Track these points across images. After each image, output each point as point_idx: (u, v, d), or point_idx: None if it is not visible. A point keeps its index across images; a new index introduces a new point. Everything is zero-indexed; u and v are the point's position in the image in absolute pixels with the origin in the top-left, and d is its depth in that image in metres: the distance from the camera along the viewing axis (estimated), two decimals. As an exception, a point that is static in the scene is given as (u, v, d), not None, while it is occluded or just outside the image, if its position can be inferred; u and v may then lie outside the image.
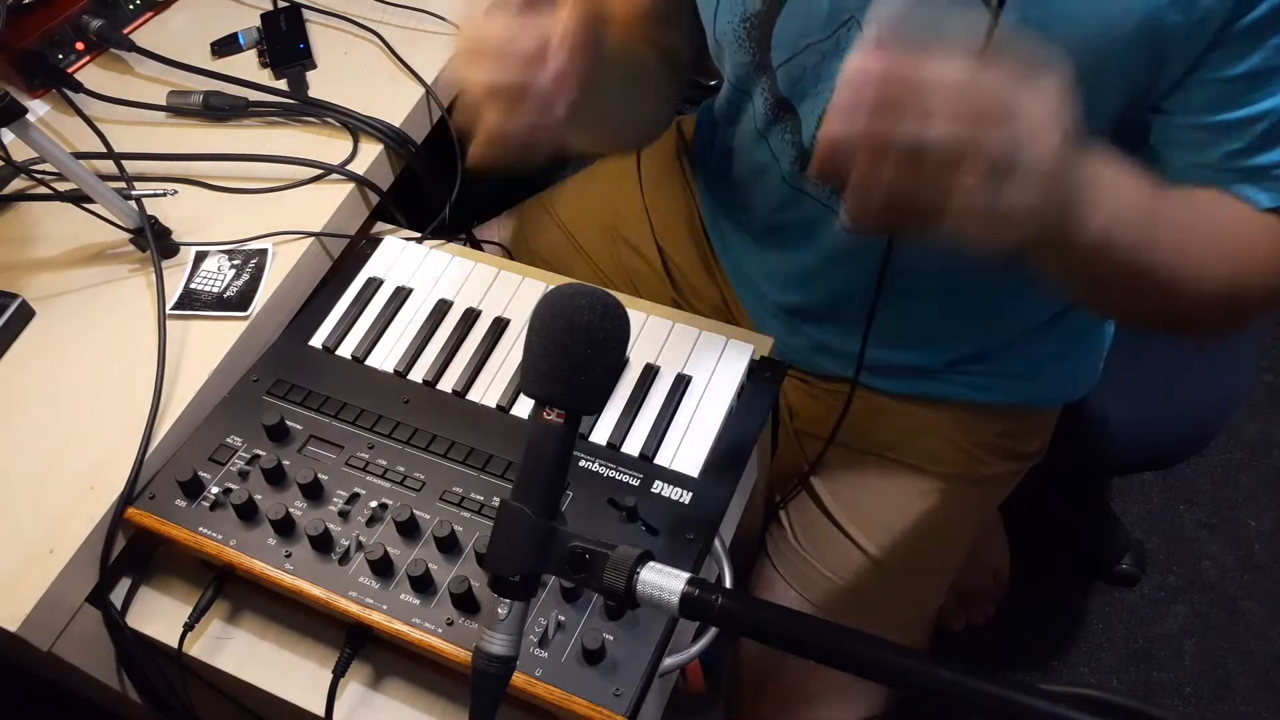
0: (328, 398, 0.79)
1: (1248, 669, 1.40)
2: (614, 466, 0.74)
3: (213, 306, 0.83)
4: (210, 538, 0.71)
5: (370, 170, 0.92)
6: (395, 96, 0.96)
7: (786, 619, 0.50)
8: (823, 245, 0.85)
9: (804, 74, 0.76)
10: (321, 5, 1.06)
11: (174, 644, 0.73)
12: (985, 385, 0.93)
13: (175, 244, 0.87)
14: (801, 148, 0.81)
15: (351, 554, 0.70)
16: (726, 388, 0.78)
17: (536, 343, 0.54)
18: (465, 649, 0.65)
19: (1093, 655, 1.43)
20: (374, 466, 0.75)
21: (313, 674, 0.72)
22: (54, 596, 0.69)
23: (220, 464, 0.75)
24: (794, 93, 0.78)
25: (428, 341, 0.83)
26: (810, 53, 0.74)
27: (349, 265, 0.90)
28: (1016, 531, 1.40)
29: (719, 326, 0.82)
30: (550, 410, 0.54)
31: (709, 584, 0.50)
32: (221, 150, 0.93)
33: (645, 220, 1.07)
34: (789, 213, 0.86)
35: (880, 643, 0.47)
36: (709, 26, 0.79)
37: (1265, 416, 1.63)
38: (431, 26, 1.02)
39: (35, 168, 0.89)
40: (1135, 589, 1.48)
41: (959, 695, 0.43)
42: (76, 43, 1.02)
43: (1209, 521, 1.54)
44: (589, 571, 0.52)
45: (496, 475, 0.74)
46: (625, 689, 0.63)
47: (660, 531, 0.70)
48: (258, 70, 1.01)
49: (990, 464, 0.96)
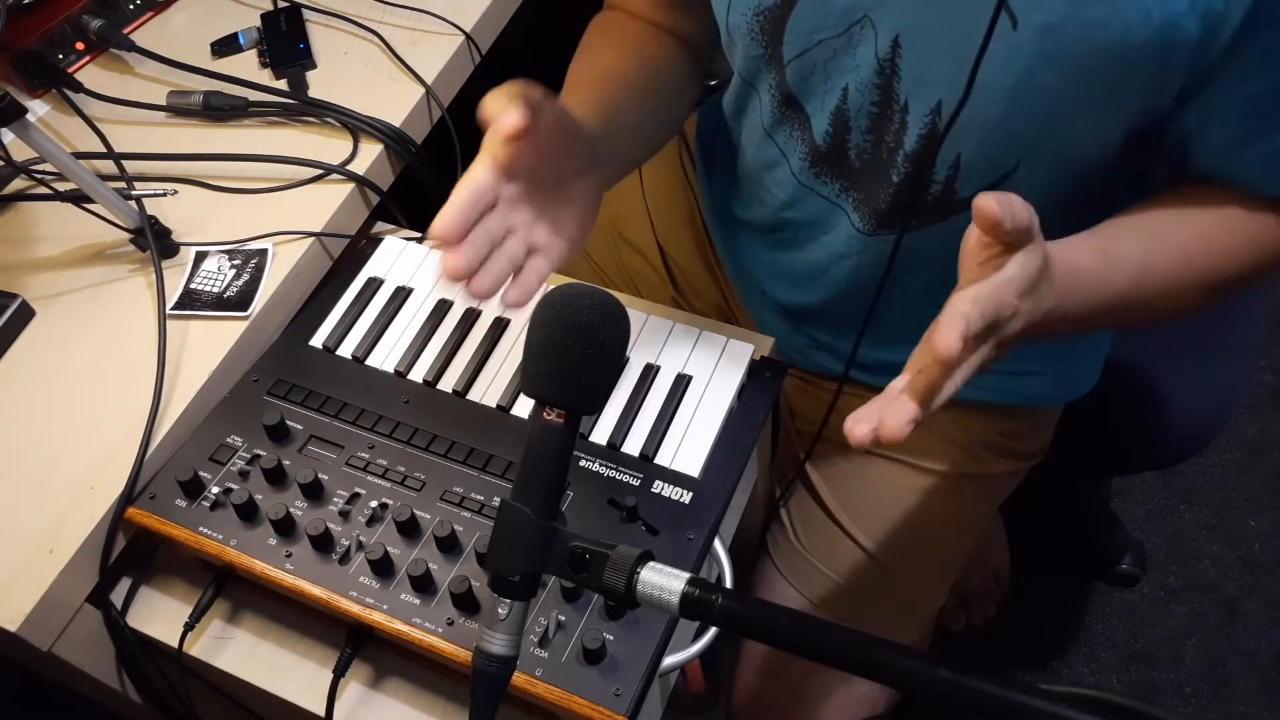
0: (328, 398, 0.79)
1: (1248, 669, 1.40)
2: (614, 466, 0.74)
3: (213, 306, 0.83)
4: (210, 538, 0.71)
5: (370, 170, 0.92)
6: (395, 96, 0.96)
7: (786, 619, 0.50)
8: (830, 243, 0.85)
9: (814, 70, 0.76)
10: (321, 5, 1.06)
11: (174, 644, 0.73)
12: (985, 384, 0.92)
13: (175, 244, 0.87)
14: (813, 144, 0.80)
15: (352, 554, 0.70)
16: (727, 387, 0.78)
17: (536, 343, 0.54)
18: (465, 649, 0.65)
19: (1093, 655, 1.43)
20: (374, 466, 0.75)
21: (313, 674, 0.72)
22: (54, 596, 0.69)
23: (220, 464, 0.75)
24: (802, 89, 0.78)
25: (428, 341, 0.83)
26: (822, 48, 0.74)
27: (349, 265, 0.90)
28: (1016, 531, 1.40)
29: (719, 326, 0.82)
30: (550, 410, 0.54)
31: (709, 584, 0.50)
32: (221, 150, 0.93)
33: (646, 219, 1.07)
34: (796, 210, 0.86)
35: (880, 643, 0.47)
36: (721, 18, 0.79)
37: (1265, 416, 1.63)
38: (431, 26, 1.02)
39: (35, 168, 0.89)
40: (1135, 589, 1.48)
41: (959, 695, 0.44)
42: (76, 43, 1.01)
43: (1209, 521, 1.54)
44: (589, 571, 0.52)
45: (496, 475, 0.74)
46: (625, 689, 0.63)
47: (660, 531, 0.70)
48: (258, 70, 1.01)
49: (991, 463, 0.96)
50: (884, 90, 0.73)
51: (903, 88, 0.72)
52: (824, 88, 0.76)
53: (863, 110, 0.75)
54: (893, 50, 0.70)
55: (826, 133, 0.78)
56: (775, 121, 0.83)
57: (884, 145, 0.76)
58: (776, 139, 0.84)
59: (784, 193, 0.86)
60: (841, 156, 0.79)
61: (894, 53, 0.70)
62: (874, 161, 0.77)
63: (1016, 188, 0.73)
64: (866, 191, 0.80)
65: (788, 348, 0.96)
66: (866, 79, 0.73)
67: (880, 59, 0.71)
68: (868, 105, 0.74)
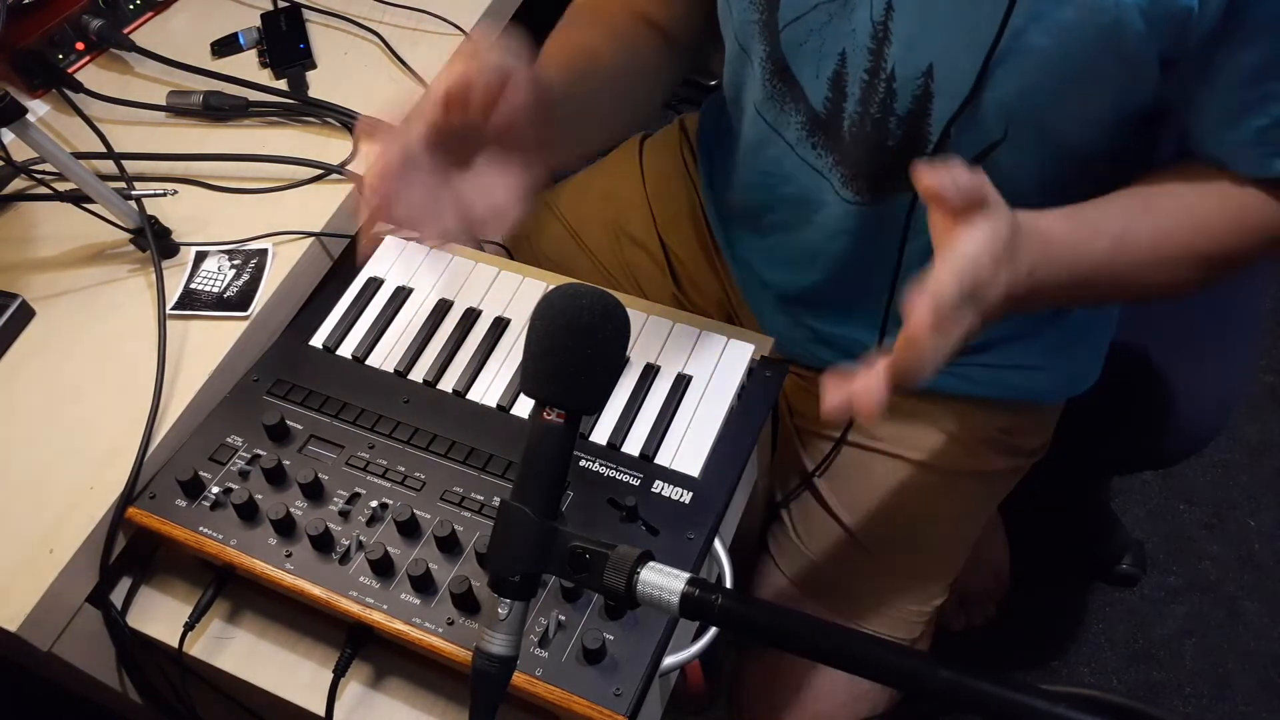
0: (328, 398, 0.79)
1: (1248, 669, 1.40)
2: (614, 466, 0.74)
3: (213, 306, 0.83)
4: (210, 537, 0.71)
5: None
6: (395, 96, 0.96)
7: (786, 619, 0.50)
8: (822, 222, 0.85)
9: (809, 35, 0.76)
10: (321, 5, 1.06)
11: (174, 644, 0.73)
12: (985, 379, 0.93)
13: (175, 244, 0.87)
14: (812, 112, 0.80)
15: (352, 554, 0.70)
16: (727, 387, 0.78)
17: (536, 343, 0.54)
18: (465, 649, 0.65)
19: (1093, 655, 1.43)
20: (374, 466, 0.75)
21: (313, 674, 0.72)
22: (54, 596, 0.69)
23: (221, 464, 0.75)
24: (795, 56, 0.78)
25: (428, 341, 0.83)
26: (818, 13, 0.74)
27: (349, 265, 0.90)
28: (1016, 531, 1.40)
29: (719, 326, 0.82)
30: (550, 410, 0.54)
31: (709, 584, 0.50)
32: (221, 150, 0.93)
33: (648, 214, 1.07)
34: (790, 186, 0.86)
35: (880, 643, 0.47)
36: None
37: (1265, 416, 1.63)
38: (431, 26, 1.02)
39: (35, 168, 0.89)
40: (1135, 589, 1.48)
41: (959, 695, 0.44)
42: (76, 43, 1.01)
43: (1209, 521, 1.54)
44: (589, 571, 0.52)
45: (496, 475, 0.74)
46: (625, 689, 0.63)
47: (660, 531, 0.70)
48: (258, 70, 1.01)
49: (992, 460, 0.96)
50: (875, 55, 0.73)
51: (892, 54, 0.72)
52: (819, 54, 0.76)
53: (857, 76, 0.75)
54: (886, 14, 0.71)
55: (826, 99, 0.78)
56: (766, 96, 0.83)
57: (870, 114, 0.76)
58: (766, 115, 0.84)
59: (779, 169, 0.86)
60: (838, 124, 0.79)
61: (887, 16, 0.71)
62: (866, 128, 0.77)
63: (1003, 162, 0.73)
64: (858, 160, 0.80)
65: (789, 343, 0.96)
66: (862, 44, 0.73)
67: (874, 22, 0.72)
68: (860, 71, 0.75)
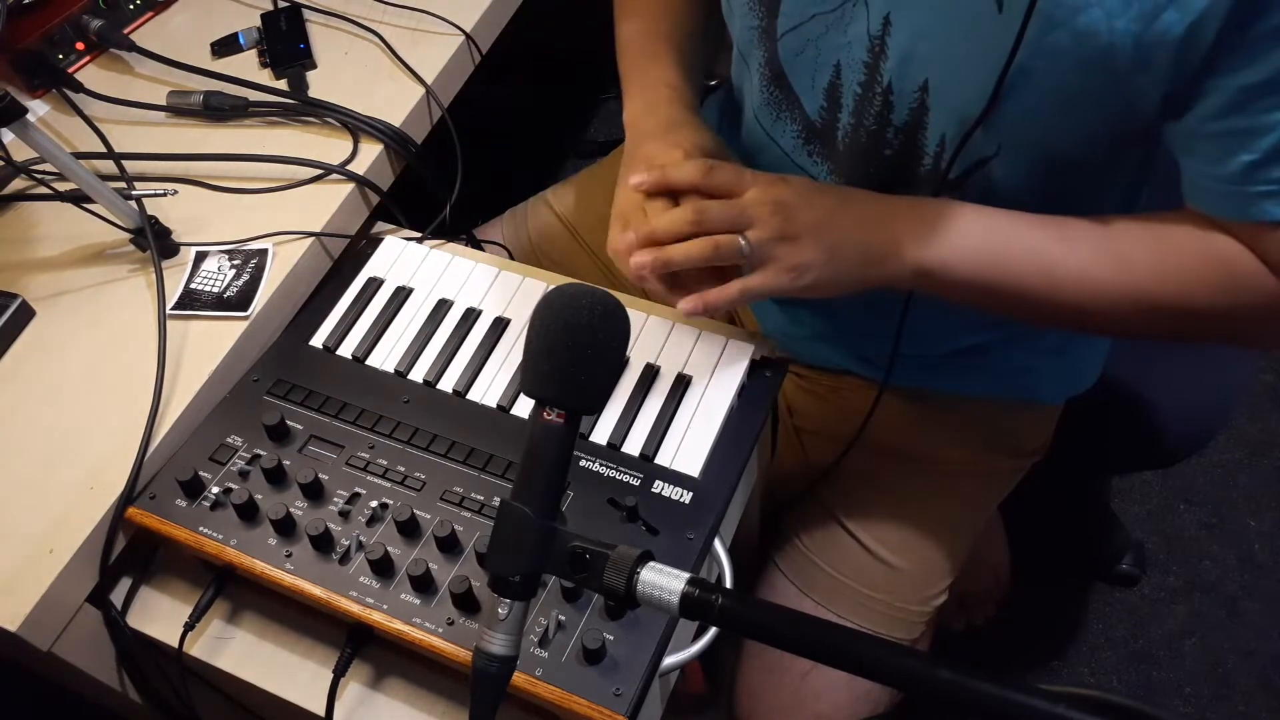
0: (328, 398, 0.79)
1: (1248, 669, 1.40)
2: (614, 466, 0.74)
3: (213, 306, 0.83)
4: (210, 537, 0.72)
5: (370, 170, 0.92)
6: (395, 96, 0.96)
7: (786, 619, 0.50)
8: None
9: (805, 46, 0.77)
10: (321, 5, 1.06)
11: (174, 644, 0.73)
12: (985, 380, 0.93)
13: (175, 244, 0.87)
14: (807, 120, 0.81)
15: (352, 554, 0.70)
16: (727, 387, 0.78)
17: (536, 343, 0.54)
18: (465, 649, 0.65)
19: (1093, 655, 1.43)
20: (374, 466, 0.75)
21: (313, 674, 0.72)
22: (54, 596, 0.69)
23: (221, 464, 0.75)
24: (792, 65, 0.79)
25: (428, 341, 0.83)
26: (816, 23, 0.75)
27: (349, 265, 0.90)
28: (1016, 531, 1.40)
29: (719, 326, 0.83)
30: (550, 410, 0.54)
31: (709, 584, 0.50)
32: (221, 150, 0.93)
33: None
34: None
35: (880, 643, 0.47)
36: None
37: (1265, 416, 1.63)
38: (431, 26, 1.02)
39: (35, 168, 0.89)
40: (1135, 589, 1.48)
41: (959, 695, 0.43)
42: (76, 43, 1.01)
43: (1209, 521, 1.54)
44: (589, 571, 0.52)
45: (496, 475, 0.74)
46: (625, 689, 0.63)
47: (660, 531, 0.70)
48: (258, 70, 1.01)
49: (993, 460, 0.96)
50: (870, 69, 0.74)
51: (888, 68, 0.72)
52: (814, 65, 0.77)
53: (851, 88, 0.76)
54: (883, 28, 0.71)
55: (821, 108, 0.79)
56: (763, 103, 0.84)
57: (864, 125, 0.76)
58: (763, 121, 0.85)
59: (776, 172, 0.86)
60: (833, 134, 0.80)
61: (884, 30, 0.71)
62: (861, 138, 0.78)
63: (997, 174, 0.74)
64: (853, 169, 0.80)
65: (788, 340, 0.96)
66: (858, 57, 0.74)
67: (871, 36, 0.72)
68: (855, 84, 0.75)
